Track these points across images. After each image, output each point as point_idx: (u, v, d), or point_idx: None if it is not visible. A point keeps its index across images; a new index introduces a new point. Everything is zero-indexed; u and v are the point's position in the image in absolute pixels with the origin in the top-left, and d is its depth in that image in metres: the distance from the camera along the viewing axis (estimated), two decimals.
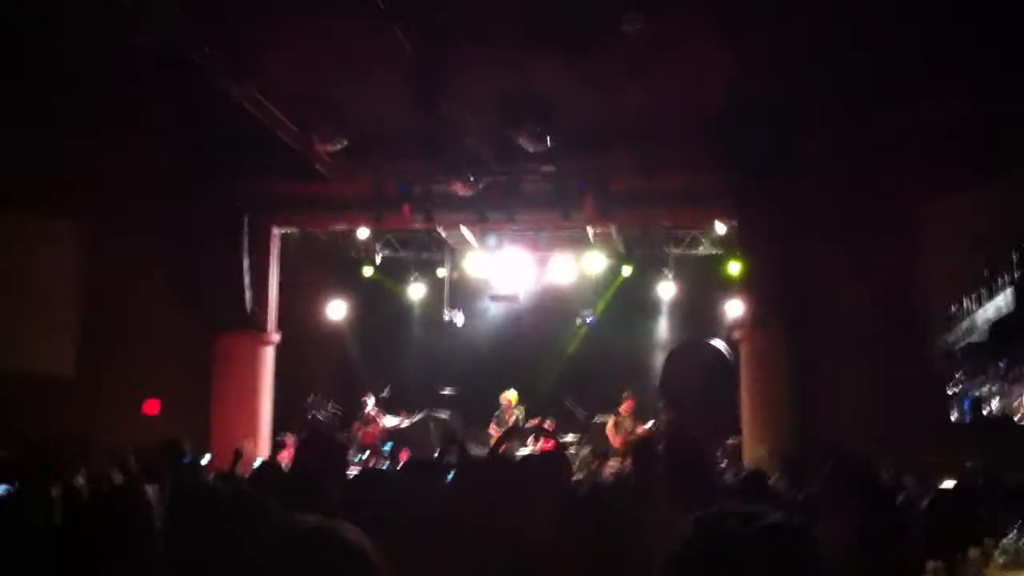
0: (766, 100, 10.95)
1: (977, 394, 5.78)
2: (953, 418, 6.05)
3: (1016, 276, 4.84)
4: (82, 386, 11.87)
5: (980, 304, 5.48)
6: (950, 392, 6.14)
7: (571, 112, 10.76)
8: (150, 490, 3.20)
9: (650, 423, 14.47)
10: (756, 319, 12.64)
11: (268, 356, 13.77)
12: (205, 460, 9.76)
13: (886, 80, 10.21)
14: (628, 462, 12.23)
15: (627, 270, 16.92)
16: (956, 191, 10.31)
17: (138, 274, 12.63)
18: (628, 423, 14.87)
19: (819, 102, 10.75)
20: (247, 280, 13.38)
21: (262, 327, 13.61)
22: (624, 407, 14.98)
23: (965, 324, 5.83)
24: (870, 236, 11.42)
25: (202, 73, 9.47)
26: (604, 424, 15.26)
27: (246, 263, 13.37)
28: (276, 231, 14.15)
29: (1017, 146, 9.07)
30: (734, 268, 14.39)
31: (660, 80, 9.96)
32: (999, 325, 5.24)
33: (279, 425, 13.91)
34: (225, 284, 13.32)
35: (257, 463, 10.65)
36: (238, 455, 11.43)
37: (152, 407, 12.39)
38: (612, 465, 12.96)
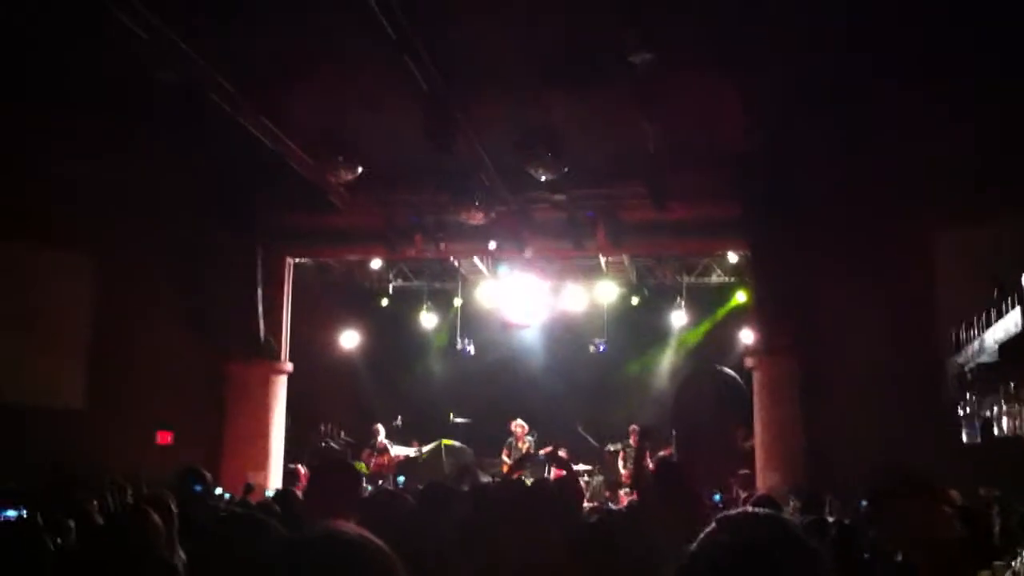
0: (776, 133, 11.00)
1: (988, 414, 5.78)
2: (964, 439, 6.08)
3: None
4: (94, 417, 11.86)
5: (989, 325, 5.50)
6: (961, 413, 6.16)
7: (582, 143, 10.83)
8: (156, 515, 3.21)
9: (659, 455, 14.40)
10: (767, 347, 12.63)
11: (280, 386, 13.81)
12: (218, 491, 9.71)
13: (897, 115, 10.29)
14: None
15: (637, 299, 17.00)
16: (964, 222, 10.38)
17: (150, 305, 12.69)
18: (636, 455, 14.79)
19: (830, 136, 10.81)
20: (261, 310, 13.46)
21: (275, 356, 13.66)
22: (633, 438, 14.95)
23: (975, 346, 5.85)
24: (880, 264, 11.46)
25: (217, 106, 9.59)
26: (616, 453, 15.23)
27: (260, 293, 13.46)
28: (290, 261, 14.25)
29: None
30: (741, 297, 14.48)
31: (670, 112, 10.01)
32: (1008, 345, 5.26)
33: (290, 455, 13.89)
34: (238, 314, 13.41)
35: (271, 492, 10.66)
36: (249, 488, 11.46)
37: (164, 437, 12.44)
38: (625, 495, 12.91)
